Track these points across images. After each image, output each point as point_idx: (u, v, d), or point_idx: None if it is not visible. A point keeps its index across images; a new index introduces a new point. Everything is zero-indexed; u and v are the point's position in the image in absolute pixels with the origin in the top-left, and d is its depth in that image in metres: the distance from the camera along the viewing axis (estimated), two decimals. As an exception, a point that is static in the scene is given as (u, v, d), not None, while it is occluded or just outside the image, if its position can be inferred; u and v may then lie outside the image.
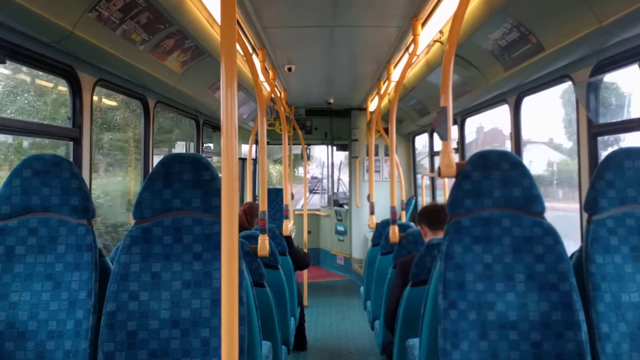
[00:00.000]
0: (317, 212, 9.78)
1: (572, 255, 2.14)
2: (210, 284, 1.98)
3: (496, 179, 2.04)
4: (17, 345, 1.94)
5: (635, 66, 2.57)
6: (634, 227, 2.05)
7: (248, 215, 4.35)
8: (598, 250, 2.02)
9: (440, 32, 3.77)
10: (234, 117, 1.29)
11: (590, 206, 2.09)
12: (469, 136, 5.37)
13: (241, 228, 4.23)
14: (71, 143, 2.98)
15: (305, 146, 7.96)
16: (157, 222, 2.03)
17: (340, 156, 10.55)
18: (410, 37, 3.68)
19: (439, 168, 2.08)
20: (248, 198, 7.27)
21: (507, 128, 3.86)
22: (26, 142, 3.95)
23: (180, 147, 7.14)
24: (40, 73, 3.21)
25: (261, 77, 4.62)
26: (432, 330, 2.06)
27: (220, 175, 1.36)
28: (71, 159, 2.91)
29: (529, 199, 2.03)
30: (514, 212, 2.02)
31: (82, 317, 1.97)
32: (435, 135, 6.80)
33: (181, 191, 2.05)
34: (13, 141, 3.84)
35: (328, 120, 8.98)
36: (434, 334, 2.03)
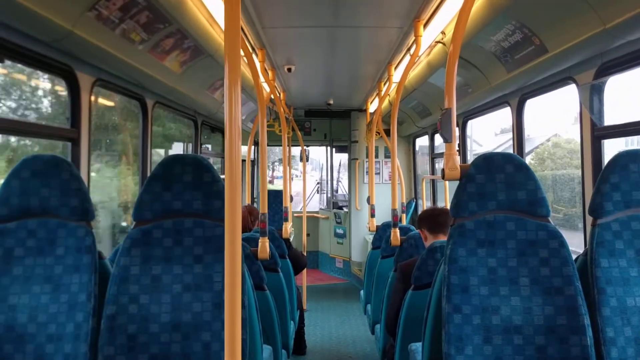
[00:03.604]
0: (316, 215, 9.74)
1: (577, 258, 2.11)
2: (211, 287, 1.95)
3: (500, 181, 2.01)
4: (16, 349, 1.91)
5: (639, 69, 2.55)
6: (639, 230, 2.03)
7: (251, 215, 4.33)
8: (603, 254, 1.99)
9: (442, 33, 3.74)
10: (238, 119, 1.27)
11: (595, 210, 2.07)
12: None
13: (245, 229, 4.22)
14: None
15: (304, 147, 7.93)
16: (157, 224, 2.00)
17: (340, 158, 10.51)
18: (412, 38, 3.65)
19: (442, 170, 2.05)
20: (247, 200, 7.24)
21: None
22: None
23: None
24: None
25: (261, 78, 4.60)
26: (436, 334, 2.03)
27: (221, 176, 1.33)
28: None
29: (534, 202, 2.00)
30: (518, 216, 2.00)
31: (81, 320, 1.94)
32: (436, 138, 6.80)
33: (182, 193, 2.02)
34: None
35: (327, 121, 8.95)
36: (437, 338, 2.00)
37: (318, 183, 12.22)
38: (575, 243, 3.12)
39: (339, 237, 9.03)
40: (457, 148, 5.03)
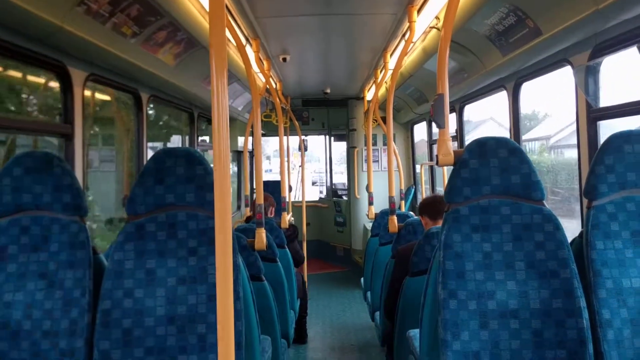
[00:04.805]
0: (316, 204, 9.75)
1: (572, 241, 2.11)
2: (205, 279, 1.95)
3: (494, 166, 2.00)
4: (12, 345, 1.91)
5: (634, 48, 2.52)
6: (634, 211, 2.02)
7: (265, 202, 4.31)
8: (598, 236, 1.99)
9: (437, 18, 3.71)
10: (225, 109, 1.26)
11: (590, 192, 2.06)
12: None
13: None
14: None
15: (302, 137, 7.91)
16: (150, 218, 2.00)
17: (339, 147, 10.47)
18: (406, 24, 3.63)
19: (436, 156, 2.05)
20: (245, 191, 7.23)
21: None
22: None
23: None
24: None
25: (256, 68, 4.57)
26: (433, 320, 2.04)
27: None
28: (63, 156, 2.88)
29: (529, 185, 2.00)
30: (513, 200, 1.99)
31: (77, 315, 1.94)
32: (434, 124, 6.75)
33: (175, 186, 2.02)
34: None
35: (325, 110, 8.92)
36: (434, 324, 2.00)
37: (316, 173, 12.19)
38: None
39: (339, 226, 9.04)
40: (453, 134, 5.03)
